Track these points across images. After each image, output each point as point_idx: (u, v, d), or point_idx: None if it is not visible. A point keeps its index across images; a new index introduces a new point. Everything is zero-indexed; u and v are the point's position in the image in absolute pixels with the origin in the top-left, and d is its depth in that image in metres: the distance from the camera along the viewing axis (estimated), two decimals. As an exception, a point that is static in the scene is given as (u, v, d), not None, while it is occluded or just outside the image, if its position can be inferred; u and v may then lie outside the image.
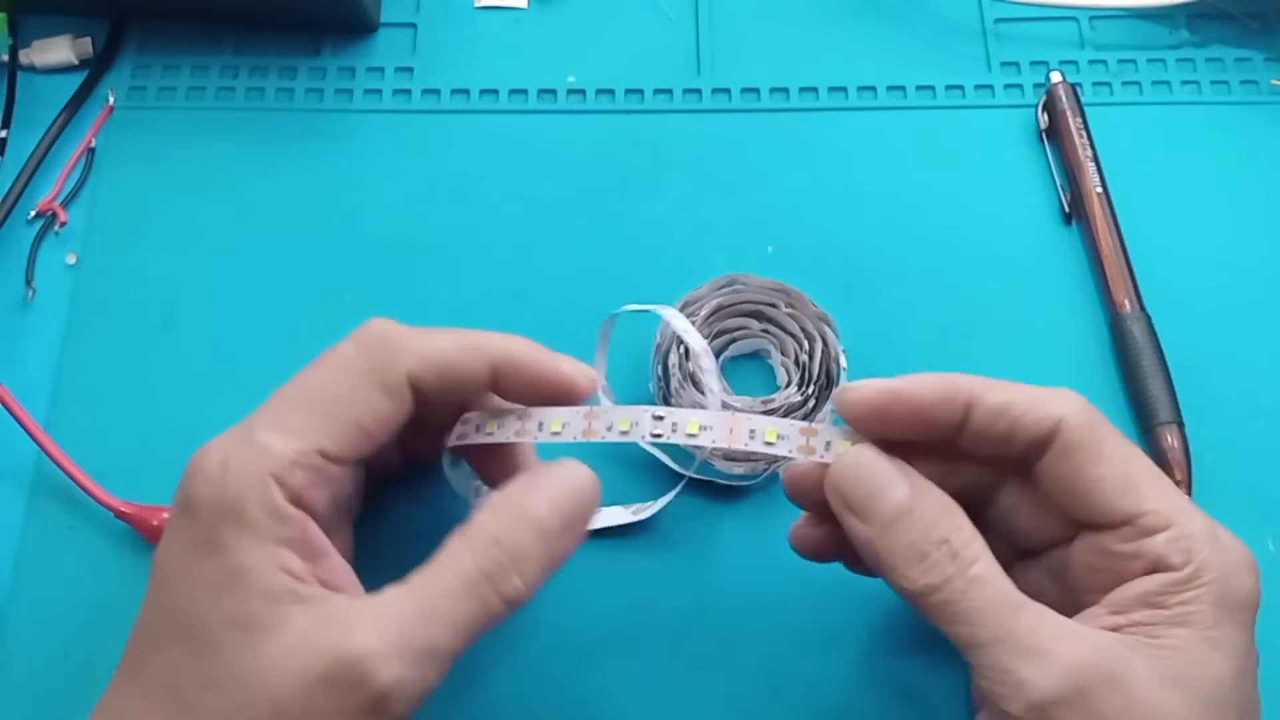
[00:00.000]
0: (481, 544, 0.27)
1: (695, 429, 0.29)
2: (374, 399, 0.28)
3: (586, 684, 0.35)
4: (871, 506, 0.27)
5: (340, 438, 0.27)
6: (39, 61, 0.45)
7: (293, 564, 0.26)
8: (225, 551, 0.26)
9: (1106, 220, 0.41)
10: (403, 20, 0.47)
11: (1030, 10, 0.46)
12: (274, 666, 0.25)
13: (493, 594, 0.27)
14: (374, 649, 0.25)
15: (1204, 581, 0.26)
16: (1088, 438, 0.27)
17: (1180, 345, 0.39)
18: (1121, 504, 0.27)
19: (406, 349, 0.28)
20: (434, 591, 0.26)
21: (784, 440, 0.29)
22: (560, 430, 0.29)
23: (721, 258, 0.41)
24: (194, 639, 0.26)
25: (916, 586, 0.26)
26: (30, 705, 0.35)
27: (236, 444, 0.27)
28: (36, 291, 0.41)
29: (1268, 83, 0.45)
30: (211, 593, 0.26)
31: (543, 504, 0.28)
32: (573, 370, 0.30)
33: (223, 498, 0.26)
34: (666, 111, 0.45)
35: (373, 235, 0.42)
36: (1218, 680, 0.25)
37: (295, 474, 0.26)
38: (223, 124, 0.44)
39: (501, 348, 0.29)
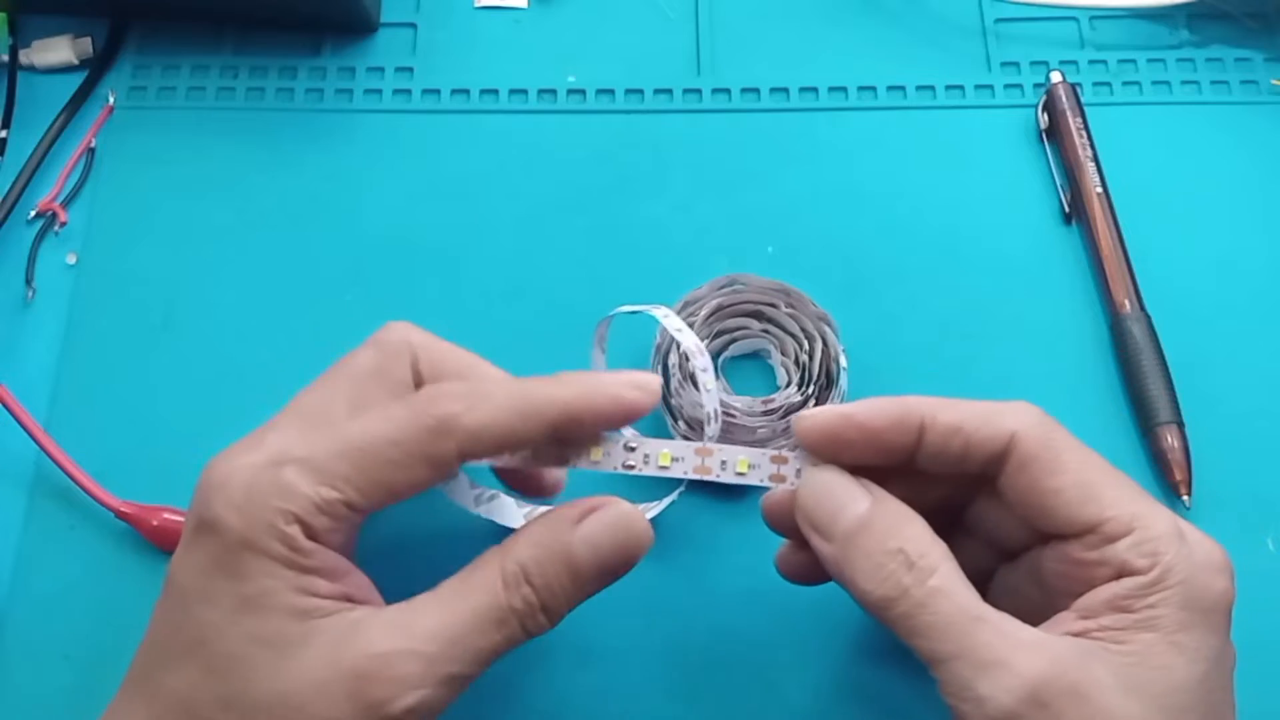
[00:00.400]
0: (515, 578, 0.27)
1: (667, 460, 0.29)
2: (416, 470, 0.27)
3: (585, 684, 0.35)
4: (833, 524, 0.27)
5: (371, 495, 0.27)
6: (39, 61, 0.45)
7: (318, 586, 0.26)
8: (247, 577, 0.26)
9: (1106, 220, 0.41)
10: (403, 20, 0.47)
11: (1030, 10, 0.46)
12: (299, 682, 0.25)
13: (518, 628, 0.27)
14: (401, 673, 0.25)
15: (1170, 584, 0.25)
16: (1042, 450, 0.27)
17: (1180, 345, 0.39)
18: (1082, 513, 0.26)
19: (460, 426, 0.27)
20: (464, 618, 0.26)
21: (755, 470, 0.29)
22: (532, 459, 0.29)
23: (721, 258, 0.41)
24: (212, 658, 0.25)
25: (874, 599, 0.26)
26: (30, 705, 0.35)
27: (262, 471, 0.26)
28: (36, 291, 0.41)
29: (1268, 83, 0.45)
30: (232, 613, 0.26)
31: (585, 549, 0.27)
32: (634, 394, 0.29)
33: (244, 526, 0.26)
34: (666, 111, 0.45)
35: (373, 235, 0.42)
36: (1180, 685, 0.25)
37: (318, 519, 0.26)
38: (223, 124, 0.44)
39: (561, 409, 0.28)
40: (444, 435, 0.27)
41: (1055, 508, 0.27)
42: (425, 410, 0.27)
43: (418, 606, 0.27)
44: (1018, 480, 0.27)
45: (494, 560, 0.27)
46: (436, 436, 0.27)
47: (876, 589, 0.26)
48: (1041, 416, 0.28)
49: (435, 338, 0.31)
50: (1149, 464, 0.38)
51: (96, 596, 0.36)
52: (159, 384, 0.40)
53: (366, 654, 0.25)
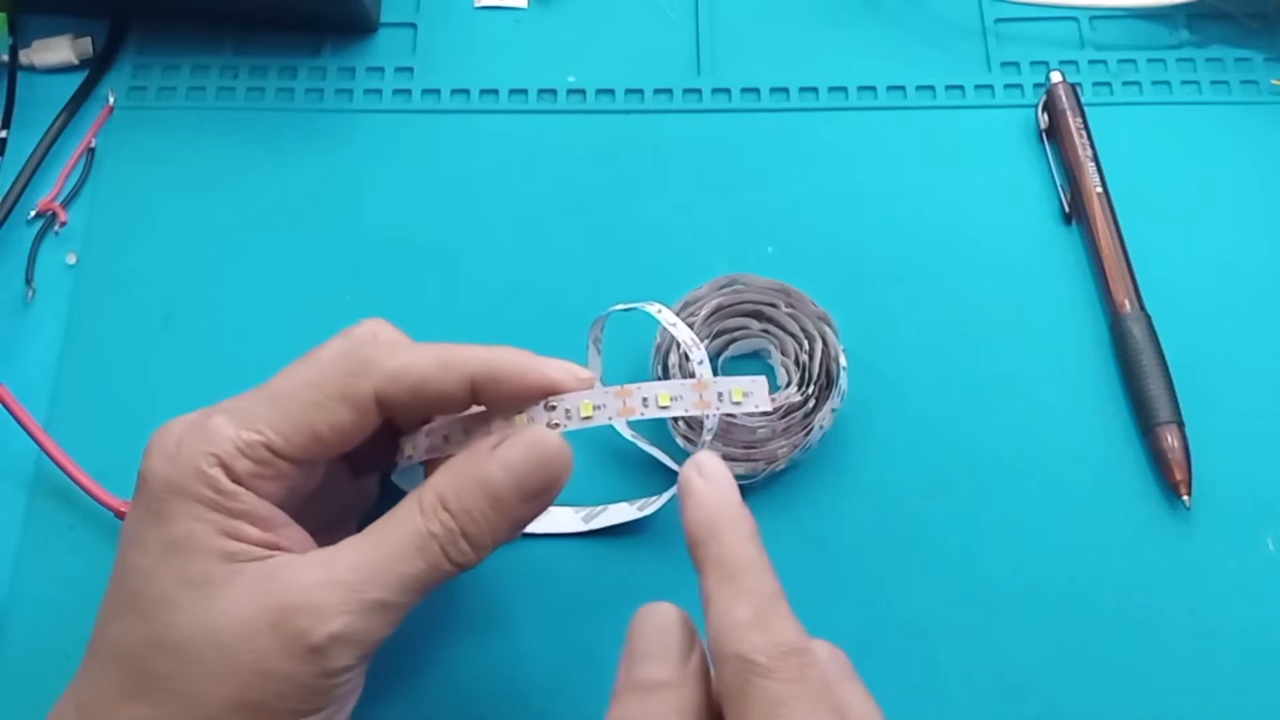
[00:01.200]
0: (431, 505, 0.27)
1: (589, 410, 0.29)
2: (335, 410, 0.28)
3: (585, 684, 0.35)
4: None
5: (292, 438, 0.27)
6: (39, 61, 0.45)
7: (245, 532, 0.27)
8: (172, 519, 0.27)
9: (1106, 220, 0.41)
10: (403, 20, 0.47)
11: (1030, 10, 0.46)
12: (223, 617, 0.26)
13: (440, 556, 0.27)
14: (322, 601, 0.26)
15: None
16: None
17: (1180, 345, 0.39)
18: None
19: (379, 366, 0.28)
20: (385, 548, 0.27)
21: (678, 401, 0.29)
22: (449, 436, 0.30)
23: (721, 258, 0.41)
24: (144, 603, 0.27)
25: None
26: (30, 705, 0.35)
27: (192, 423, 0.28)
28: (36, 291, 0.41)
29: (1268, 83, 0.45)
30: (159, 557, 0.27)
31: (499, 471, 0.28)
32: (563, 375, 0.29)
33: (170, 472, 0.27)
34: (666, 111, 0.45)
35: (373, 235, 0.42)
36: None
37: (239, 460, 0.27)
38: (223, 124, 0.44)
39: (482, 361, 0.28)
40: (361, 375, 0.28)
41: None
42: (346, 354, 0.28)
43: (342, 546, 0.27)
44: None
45: (412, 494, 0.28)
46: (354, 376, 0.28)
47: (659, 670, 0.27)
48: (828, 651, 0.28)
49: (404, 335, 0.31)
50: (1149, 464, 0.38)
51: (96, 596, 0.36)
52: (159, 384, 0.40)
53: (287, 587, 0.26)
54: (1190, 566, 0.37)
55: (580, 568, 0.37)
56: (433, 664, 0.35)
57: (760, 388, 0.30)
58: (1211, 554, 0.37)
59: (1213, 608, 0.36)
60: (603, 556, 0.37)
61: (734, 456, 0.37)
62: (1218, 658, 0.36)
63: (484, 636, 0.36)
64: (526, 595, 0.36)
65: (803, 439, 0.37)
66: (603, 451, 0.38)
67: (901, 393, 0.39)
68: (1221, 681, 0.35)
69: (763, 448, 0.37)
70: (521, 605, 0.36)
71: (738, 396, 0.29)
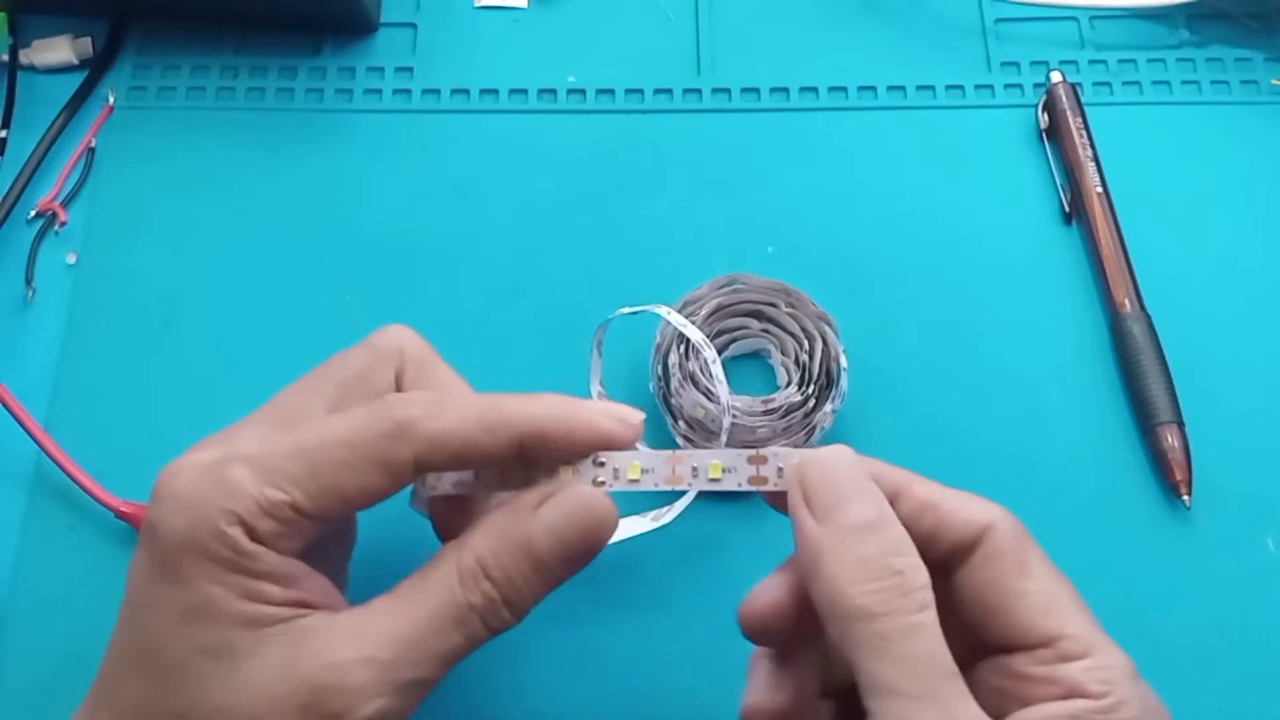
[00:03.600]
0: (471, 574, 0.25)
1: (636, 473, 0.27)
2: (369, 475, 0.25)
3: (586, 685, 0.35)
4: (834, 510, 0.25)
5: (320, 500, 0.25)
6: (39, 61, 0.45)
7: (268, 593, 0.25)
8: (189, 582, 0.24)
9: (1106, 220, 0.41)
10: (403, 20, 0.47)
11: (1030, 10, 0.46)
12: (251, 694, 0.24)
13: (480, 627, 0.26)
14: (356, 682, 0.24)
15: (1123, 717, 0.23)
16: (1014, 547, 0.25)
17: (1180, 345, 0.39)
18: (1043, 623, 0.25)
19: (419, 432, 0.25)
20: (420, 622, 0.25)
21: (731, 474, 0.27)
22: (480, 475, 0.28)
23: (721, 258, 0.41)
24: (162, 669, 0.25)
25: (854, 606, 0.24)
26: (30, 705, 0.35)
27: (207, 471, 0.25)
28: (36, 291, 0.41)
29: (1268, 83, 0.45)
30: (176, 621, 0.25)
31: (544, 535, 0.26)
32: (614, 424, 0.27)
33: (185, 529, 0.25)
34: (666, 111, 0.45)
35: (373, 235, 0.42)
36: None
37: (262, 521, 0.25)
38: (223, 124, 0.44)
39: (529, 421, 0.26)
40: (401, 440, 0.25)
41: (1017, 610, 0.25)
42: (384, 414, 0.26)
43: (373, 610, 0.25)
44: (982, 574, 0.25)
45: (450, 556, 0.26)
46: (393, 441, 0.25)
47: (861, 596, 0.24)
48: (1015, 518, 0.26)
49: (430, 349, 0.30)
50: (1149, 464, 0.38)
51: (96, 596, 0.36)
52: (159, 384, 0.40)
53: (319, 664, 0.24)
54: (1190, 566, 0.37)
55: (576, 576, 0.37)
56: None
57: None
58: (1211, 554, 0.37)
59: (1213, 608, 0.36)
60: (601, 565, 0.37)
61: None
62: (1218, 657, 0.36)
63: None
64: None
65: (803, 439, 0.37)
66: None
67: (901, 393, 0.39)
68: (1221, 681, 0.35)
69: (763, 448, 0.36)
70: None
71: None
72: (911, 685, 0.23)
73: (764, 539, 0.37)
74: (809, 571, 0.25)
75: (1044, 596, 0.25)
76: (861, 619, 0.24)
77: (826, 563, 0.25)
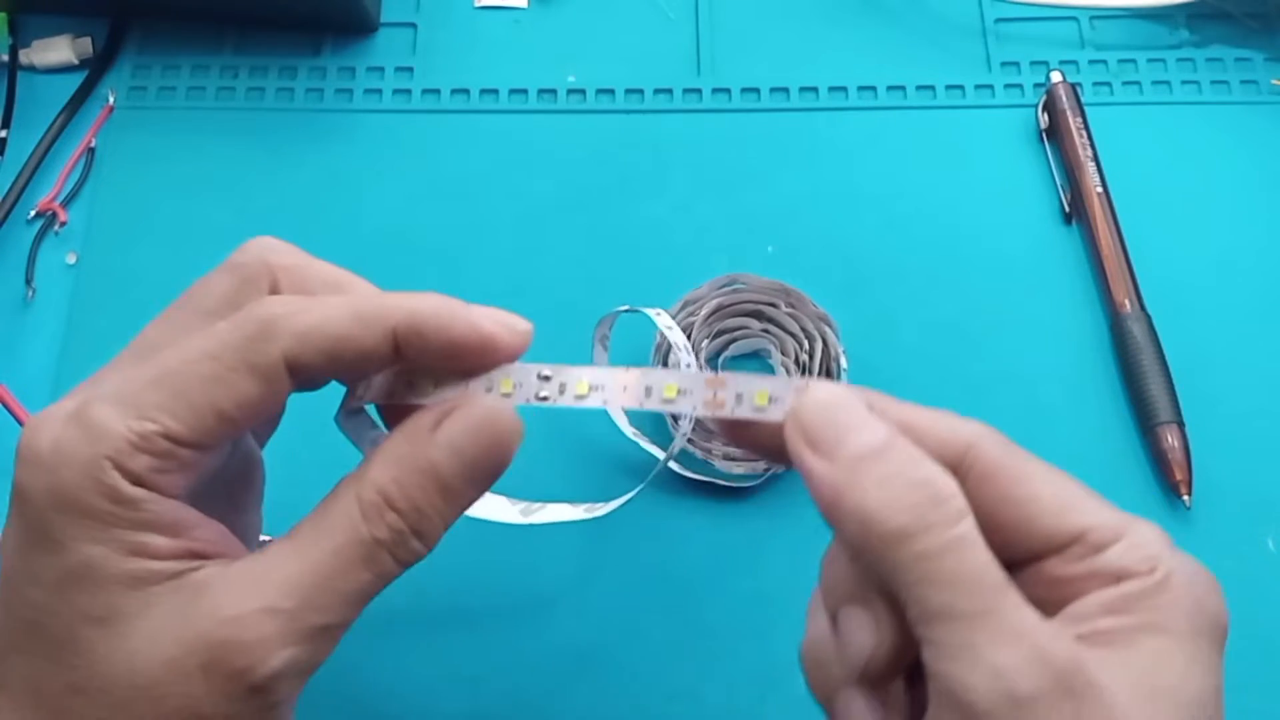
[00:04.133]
0: (374, 506, 0.24)
1: (584, 389, 0.25)
2: (240, 383, 0.23)
3: (585, 685, 0.35)
4: (839, 444, 0.23)
5: (194, 422, 0.23)
6: (39, 61, 0.45)
7: (154, 544, 0.23)
8: (65, 547, 0.22)
9: (1106, 220, 0.41)
10: (403, 20, 0.47)
11: (1030, 10, 0.46)
12: (145, 660, 0.22)
13: (389, 562, 0.24)
14: (259, 634, 0.22)
15: (1174, 588, 0.22)
16: (1007, 459, 0.24)
17: (1180, 345, 0.39)
18: (1065, 522, 0.23)
19: (285, 327, 0.23)
20: (323, 563, 0.23)
21: (686, 395, 0.25)
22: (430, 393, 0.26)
23: (721, 258, 0.41)
24: (48, 643, 0.23)
25: (888, 529, 0.22)
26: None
27: (70, 421, 0.23)
28: (36, 291, 0.41)
29: (1268, 83, 0.45)
30: (56, 590, 0.23)
31: (446, 456, 0.24)
32: (493, 327, 0.25)
33: (54, 487, 0.22)
34: (666, 111, 0.45)
35: (372, 235, 0.42)
36: (1201, 696, 0.22)
37: (137, 458, 0.22)
38: (223, 124, 0.44)
39: (405, 313, 0.24)
40: (267, 340, 0.23)
41: (1032, 518, 0.24)
42: (246, 316, 0.24)
43: (271, 555, 0.23)
44: (985, 494, 0.24)
45: (349, 490, 0.24)
46: (258, 342, 0.23)
47: (894, 517, 0.22)
48: (995, 429, 0.25)
49: (304, 255, 0.27)
50: (1149, 464, 0.38)
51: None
52: (159, 384, 0.40)
53: (216, 619, 0.22)
54: (1190, 566, 0.37)
55: (570, 570, 0.37)
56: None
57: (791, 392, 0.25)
58: (1211, 554, 0.36)
59: (1213, 608, 0.36)
60: (593, 559, 0.37)
61: (734, 456, 0.37)
62: (1218, 658, 0.36)
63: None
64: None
65: (803, 439, 0.37)
66: (600, 447, 0.38)
67: (901, 393, 0.39)
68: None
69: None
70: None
71: (761, 401, 0.25)
72: (966, 604, 0.21)
73: (745, 538, 0.37)
74: (831, 515, 0.24)
75: (1055, 496, 0.24)
76: (900, 542, 0.22)
77: (849, 497, 0.23)
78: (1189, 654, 0.22)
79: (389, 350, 0.24)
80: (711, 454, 0.37)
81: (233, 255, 0.26)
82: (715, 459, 0.37)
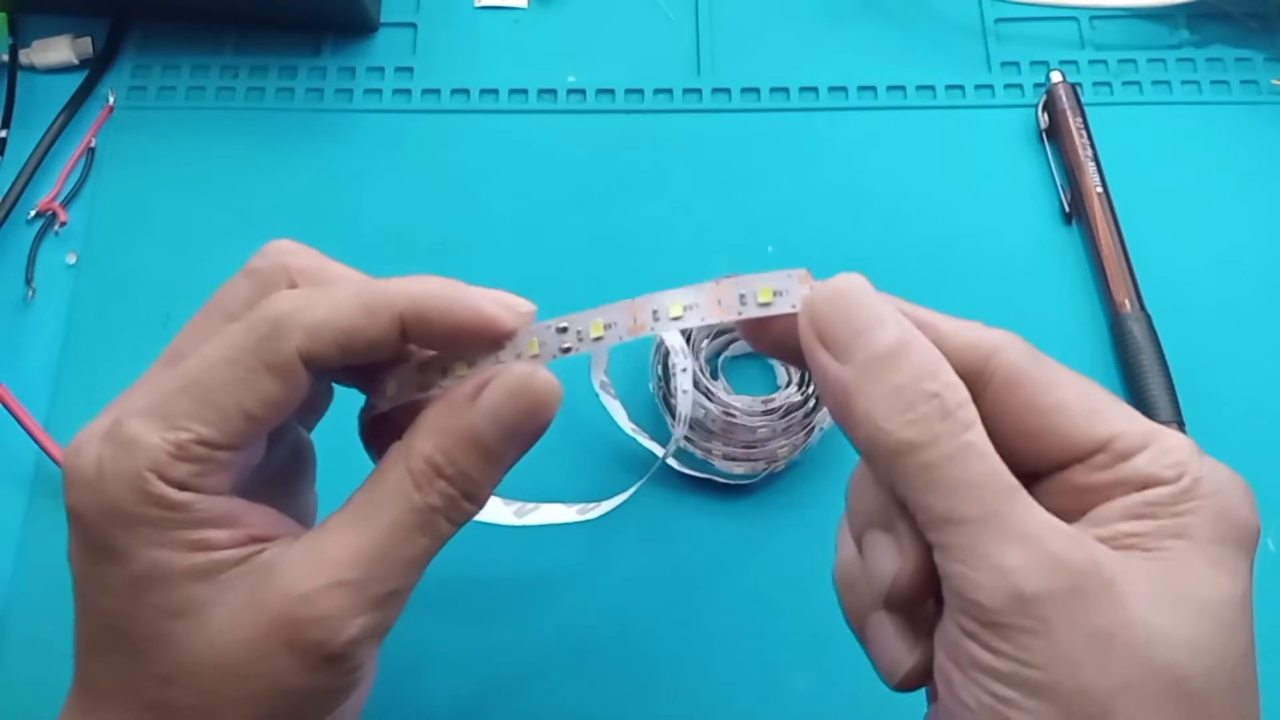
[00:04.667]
0: (425, 475, 0.25)
1: (600, 330, 0.26)
2: (260, 383, 0.24)
3: (584, 685, 0.35)
4: (853, 343, 0.23)
5: (224, 425, 0.24)
6: (39, 61, 0.45)
7: (212, 537, 0.24)
8: (129, 556, 0.24)
9: (1106, 220, 0.41)
10: (403, 20, 0.47)
11: (1030, 10, 0.46)
12: (227, 642, 0.23)
13: (444, 523, 0.25)
14: (331, 608, 0.23)
15: (1201, 494, 0.22)
16: (1033, 367, 0.24)
17: (1180, 345, 0.39)
18: (1091, 428, 0.23)
19: (295, 323, 0.25)
20: (382, 534, 0.24)
21: (692, 310, 0.26)
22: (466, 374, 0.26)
23: (721, 258, 0.42)
24: (134, 642, 0.24)
25: (894, 440, 0.22)
26: (30, 705, 0.35)
27: (108, 440, 0.24)
28: (36, 291, 0.41)
29: (1268, 83, 0.45)
30: (131, 596, 0.24)
31: (489, 423, 0.25)
32: (495, 308, 0.26)
33: (104, 505, 0.23)
34: (666, 111, 0.45)
35: (373, 235, 0.42)
36: (1226, 600, 0.21)
37: (177, 467, 0.24)
38: (223, 124, 0.44)
39: (406, 299, 0.26)
40: (279, 337, 0.24)
41: (1059, 425, 0.23)
42: (257, 317, 0.25)
43: (330, 531, 0.25)
44: (1009, 401, 0.23)
45: (398, 462, 0.25)
46: (270, 340, 0.24)
47: (900, 430, 0.22)
48: (1019, 337, 0.24)
49: (320, 257, 0.28)
50: (1149, 464, 0.38)
51: (96, 596, 0.36)
52: (159, 384, 0.40)
53: (288, 597, 0.23)
54: (1190, 566, 0.37)
55: (569, 567, 0.37)
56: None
57: (795, 283, 0.25)
58: (1211, 554, 0.37)
59: (1213, 608, 0.36)
60: (592, 557, 0.37)
61: (734, 456, 0.37)
62: (1218, 658, 0.36)
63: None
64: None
65: (803, 439, 0.37)
66: (599, 442, 0.38)
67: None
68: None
69: (763, 448, 0.37)
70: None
71: (765, 297, 0.25)
72: (970, 509, 0.21)
73: (744, 537, 0.37)
74: (841, 417, 0.24)
75: (1082, 402, 0.24)
76: (906, 453, 0.22)
77: (858, 403, 0.23)
78: (1214, 559, 0.22)
79: (396, 337, 0.25)
80: (711, 453, 0.37)
81: (251, 259, 0.27)
82: (715, 458, 0.37)
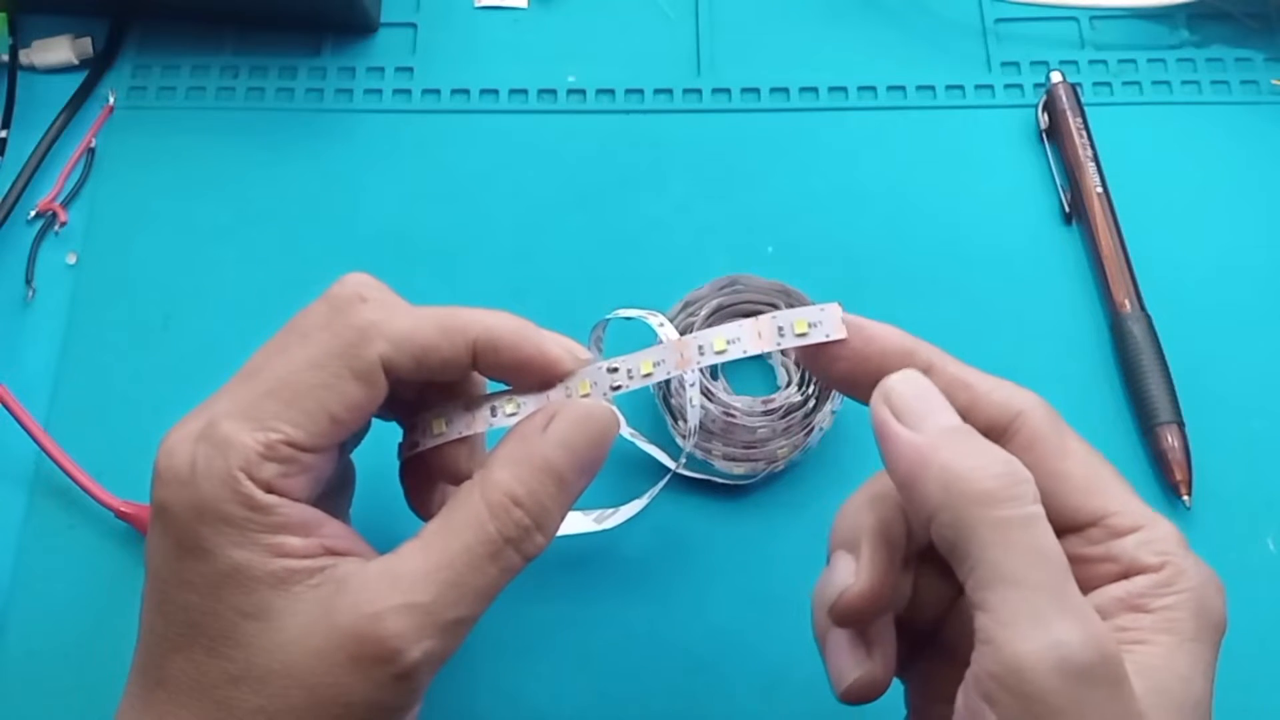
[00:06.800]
0: (502, 507, 0.26)
1: (649, 368, 0.28)
2: (345, 387, 0.26)
3: (584, 686, 0.35)
4: (926, 418, 0.25)
5: (310, 427, 0.26)
6: (39, 61, 0.45)
7: (291, 544, 0.25)
8: (214, 554, 0.25)
9: (1106, 220, 0.41)
10: (403, 20, 0.47)
11: (1030, 10, 0.46)
12: (298, 651, 0.24)
13: (515, 556, 0.26)
14: (400, 628, 0.24)
15: (1183, 588, 0.24)
16: (1052, 432, 0.25)
17: (1180, 345, 0.39)
18: (1090, 502, 0.25)
19: (380, 332, 0.27)
20: (455, 561, 0.25)
21: (735, 344, 0.28)
22: (517, 411, 0.28)
23: (721, 258, 0.42)
24: (209, 638, 0.25)
25: (977, 489, 0.23)
26: (30, 705, 0.35)
27: (201, 440, 0.25)
28: (36, 291, 0.41)
29: (1268, 83, 0.45)
30: (213, 593, 0.25)
31: (560, 452, 0.26)
32: (559, 351, 0.28)
33: (195, 501, 0.25)
34: (666, 111, 0.45)
35: (373, 235, 0.42)
36: (1199, 701, 0.23)
37: (265, 467, 0.25)
38: (223, 124, 0.44)
39: (484, 328, 0.28)
40: (364, 344, 0.26)
41: (1063, 493, 0.25)
42: (344, 324, 0.27)
43: (405, 555, 0.26)
44: (1024, 460, 0.24)
45: (474, 492, 0.26)
46: (356, 347, 0.26)
47: (985, 480, 0.23)
48: (1046, 403, 0.26)
49: (389, 291, 0.30)
50: (1149, 464, 0.38)
51: (96, 596, 0.36)
52: (159, 384, 0.40)
53: (359, 614, 0.24)
54: (1190, 566, 0.37)
55: (570, 568, 0.37)
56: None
57: (830, 316, 0.27)
58: (1212, 554, 0.36)
59: (1213, 608, 0.36)
60: (593, 559, 0.37)
61: (734, 456, 0.37)
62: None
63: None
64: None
65: (802, 439, 0.37)
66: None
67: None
68: (1221, 681, 0.35)
69: (763, 448, 0.37)
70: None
71: (801, 329, 0.27)
72: (1035, 574, 0.22)
73: (744, 538, 0.37)
74: (912, 475, 0.24)
75: (1087, 476, 0.25)
76: (985, 504, 0.23)
77: (937, 458, 0.24)
78: (1194, 656, 0.23)
79: (468, 360, 0.28)
80: (711, 453, 0.37)
81: (330, 288, 0.29)
82: (715, 458, 0.37)
